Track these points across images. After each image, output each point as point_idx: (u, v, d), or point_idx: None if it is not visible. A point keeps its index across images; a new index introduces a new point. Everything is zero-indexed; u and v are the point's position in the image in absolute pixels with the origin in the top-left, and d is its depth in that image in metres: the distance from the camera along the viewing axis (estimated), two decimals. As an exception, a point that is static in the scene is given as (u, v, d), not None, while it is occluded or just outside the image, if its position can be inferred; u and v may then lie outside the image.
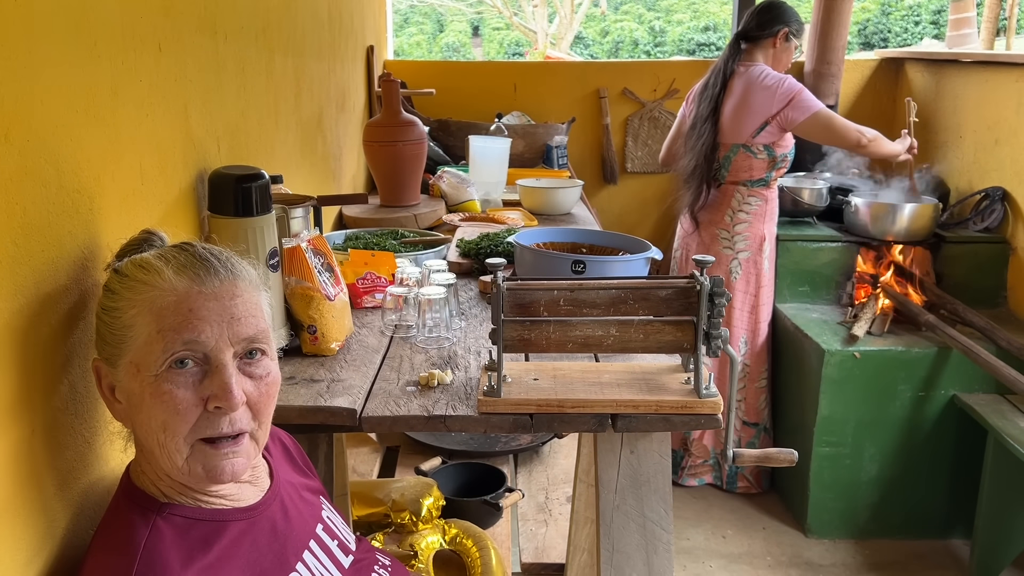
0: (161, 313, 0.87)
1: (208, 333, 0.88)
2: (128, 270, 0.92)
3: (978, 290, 3.07)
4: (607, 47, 17.29)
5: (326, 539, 1.05)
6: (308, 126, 2.31)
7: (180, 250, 0.94)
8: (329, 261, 1.47)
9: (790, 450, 1.26)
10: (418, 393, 1.27)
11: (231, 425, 0.89)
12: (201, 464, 0.88)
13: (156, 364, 0.86)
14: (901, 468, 2.85)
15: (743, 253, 2.99)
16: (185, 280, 0.89)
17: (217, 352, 0.88)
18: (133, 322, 0.88)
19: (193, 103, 1.37)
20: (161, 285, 0.89)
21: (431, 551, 1.92)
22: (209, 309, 0.89)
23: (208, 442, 0.89)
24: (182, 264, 0.91)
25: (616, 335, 1.22)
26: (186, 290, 0.89)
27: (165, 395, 0.86)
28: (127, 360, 0.88)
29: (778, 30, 2.90)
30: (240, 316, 0.90)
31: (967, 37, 5.93)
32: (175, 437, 0.87)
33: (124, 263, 0.93)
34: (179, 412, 0.86)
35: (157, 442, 0.88)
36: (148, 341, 0.87)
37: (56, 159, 0.93)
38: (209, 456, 0.89)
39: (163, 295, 0.88)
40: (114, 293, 0.91)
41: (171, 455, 0.88)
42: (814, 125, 2.80)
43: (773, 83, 2.82)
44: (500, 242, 1.99)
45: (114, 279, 0.92)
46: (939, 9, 14.74)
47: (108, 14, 1.07)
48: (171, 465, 0.89)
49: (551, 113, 4.01)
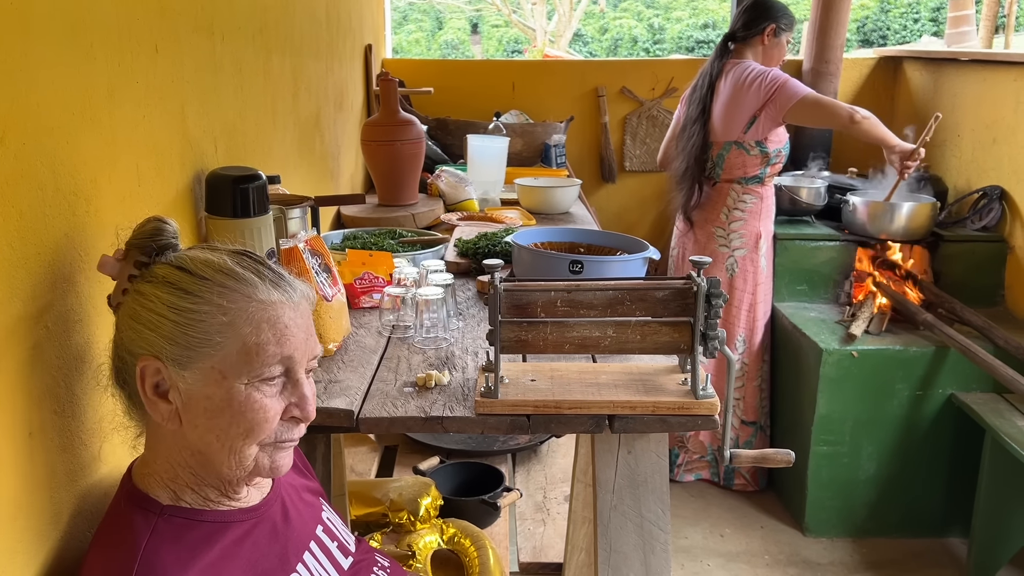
0: (261, 326, 0.89)
1: (299, 349, 0.92)
2: (207, 272, 0.90)
3: (976, 289, 3.07)
4: (606, 44, 17.27)
5: (326, 540, 1.06)
6: (306, 126, 2.31)
7: (255, 260, 0.94)
8: (326, 261, 1.47)
9: (787, 451, 1.27)
10: (415, 394, 1.28)
11: (299, 432, 0.95)
12: (269, 457, 0.92)
13: (249, 374, 0.88)
14: (899, 467, 2.85)
15: (739, 251, 2.99)
16: (278, 294, 0.91)
17: (299, 366, 0.92)
18: (225, 329, 0.88)
19: (190, 104, 1.37)
20: (259, 296, 0.90)
21: (429, 551, 1.92)
22: (298, 326, 0.92)
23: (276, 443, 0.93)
24: (271, 278, 0.92)
25: (613, 336, 1.22)
26: (281, 304, 0.91)
27: (256, 404, 0.88)
28: (208, 365, 0.87)
29: (764, 27, 2.89)
30: (313, 333, 0.95)
31: (966, 35, 5.93)
32: (254, 443, 0.90)
33: (188, 261, 0.91)
34: (267, 420, 0.89)
35: (230, 448, 0.89)
36: (244, 351, 0.88)
37: (52, 161, 0.93)
38: (276, 451, 0.93)
39: (263, 307, 0.89)
40: (192, 295, 0.88)
41: (243, 459, 0.90)
42: (803, 108, 2.77)
43: (758, 76, 2.82)
44: (498, 242, 1.99)
45: (187, 279, 0.89)
46: (938, 7, 14.73)
47: (104, 15, 1.07)
48: (237, 467, 0.90)
49: (549, 112, 4.01)
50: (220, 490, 0.93)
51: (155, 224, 0.95)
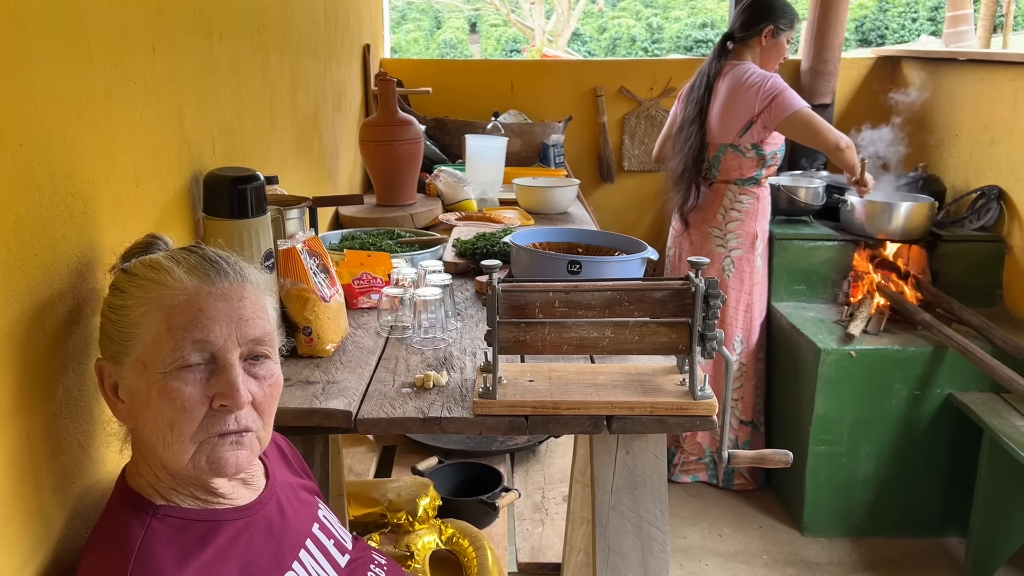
0: (171, 312, 0.88)
1: (217, 333, 0.89)
2: (137, 269, 0.93)
3: (974, 289, 3.07)
4: (604, 44, 17.27)
5: (322, 538, 1.06)
6: (304, 126, 2.31)
7: (189, 251, 0.95)
8: (324, 262, 1.47)
9: (785, 451, 1.27)
10: (413, 395, 1.28)
11: (236, 423, 0.90)
12: (206, 456, 0.89)
13: (164, 362, 0.87)
14: (897, 466, 2.85)
15: (736, 251, 2.99)
16: (195, 280, 0.91)
17: (225, 352, 0.89)
18: (142, 320, 0.89)
19: (188, 104, 1.37)
20: (171, 284, 0.90)
21: (427, 551, 1.92)
22: (218, 309, 0.90)
23: (214, 436, 0.90)
24: (192, 265, 0.92)
25: (611, 337, 1.22)
26: (196, 290, 0.90)
27: (172, 392, 0.87)
28: (134, 358, 0.89)
29: (763, 27, 2.88)
30: (248, 317, 0.92)
31: (964, 34, 5.94)
32: (181, 435, 0.88)
33: (133, 263, 0.94)
34: (186, 409, 0.87)
35: (162, 440, 0.88)
36: (157, 339, 0.88)
37: (49, 163, 0.93)
38: (215, 447, 0.89)
39: (173, 294, 0.89)
40: (122, 291, 0.91)
41: (176, 453, 0.88)
42: (793, 124, 2.78)
43: (757, 82, 2.81)
44: (496, 242, 1.99)
45: (122, 278, 0.93)
46: (936, 6, 14.73)
47: (101, 16, 1.06)
48: (176, 463, 0.89)
49: (548, 112, 4.01)
50: (197, 485, 0.92)
51: (147, 239, 0.99)
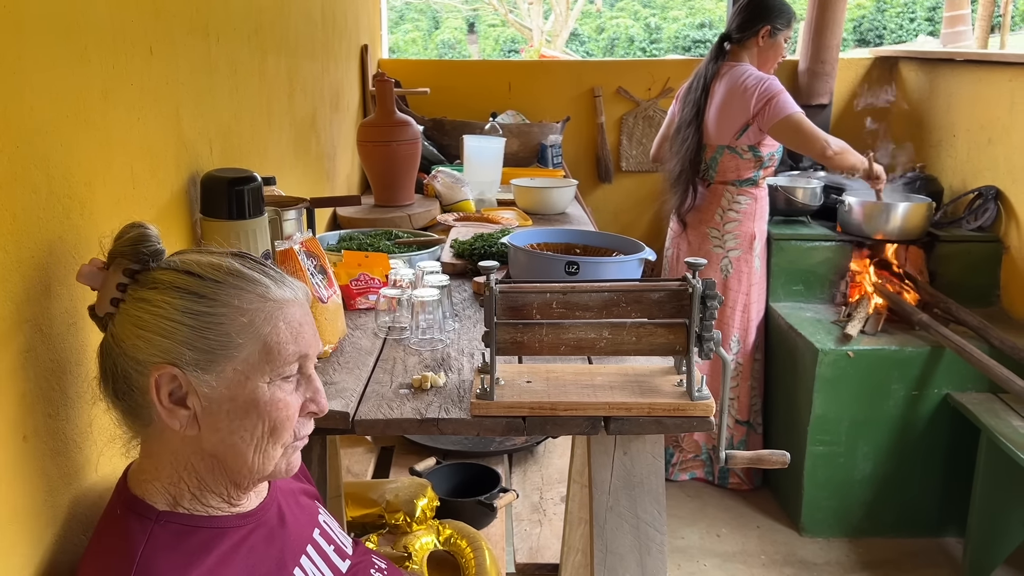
0: (278, 324, 0.90)
1: (312, 347, 0.94)
2: (217, 275, 0.89)
3: (971, 289, 3.08)
4: (603, 44, 17.28)
5: (323, 543, 1.06)
6: (301, 127, 2.31)
7: (256, 262, 0.94)
8: (322, 263, 1.47)
9: (782, 452, 1.27)
10: (411, 396, 1.28)
11: (311, 428, 0.97)
12: (286, 460, 0.94)
13: (272, 373, 0.89)
14: (895, 467, 2.86)
15: (734, 252, 2.99)
16: (288, 292, 0.93)
17: (310, 362, 0.94)
18: (244, 331, 0.88)
19: (185, 105, 1.37)
20: (272, 296, 0.91)
21: (425, 552, 1.92)
22: (308, 323, 0.94)
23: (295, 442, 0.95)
24: (272, 276, 0.93)
25: (609, 337, 1.22)
26: (292, 302, 0.93)
27: (280, 403, 0.90)
28: (231, 368, 0.88)
29: (760, 28, 2.88)
30: (316, 330, 0.96)
31: (962, 34, 5.95)
32: (279, 442, 0.92)
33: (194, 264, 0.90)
34: (290, 418, 0.91)
35: (255, 448, 0.90)
36: (266, 350, 0.89)
37: (46, 164, 0.93)
38: (290, 452, 0.95)
39: (277, 307, 0.91)
40: (206, 298, 0.88)
41: (268, 460, 0.92)
42: (784, 129, 2.78)
43: (753, 84, 2.81)
44: (494, 243, 1.99)
45: (197, 284, 0.88)
46: (934, 6, 14.75)
47: (98, 17, 1.06)
48: (262, 468, 0.92)
49: (546, 112, 4.01)
50: (223, 496, 0.93)
51: (139, 231, 0.92)
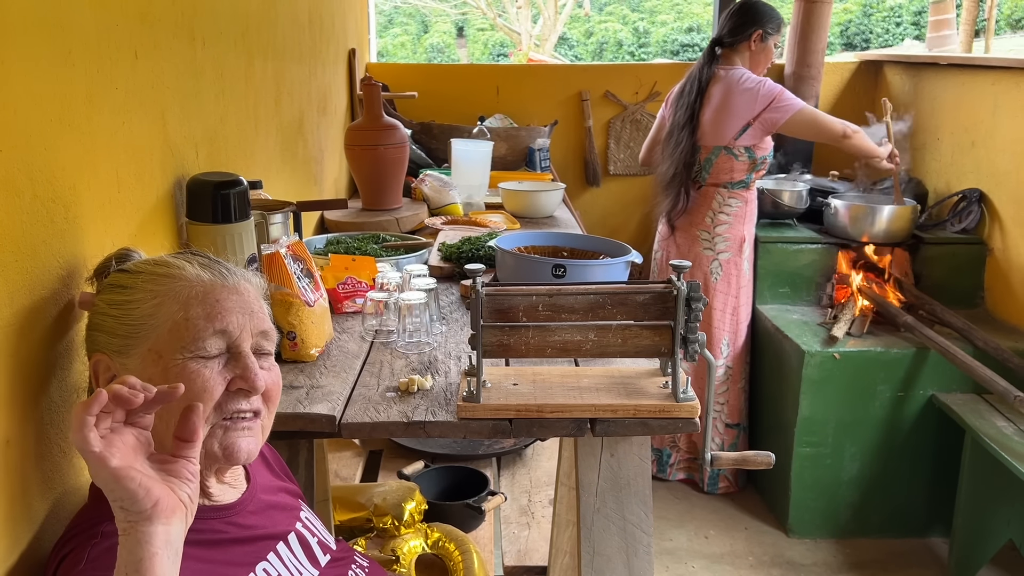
0: (189, 302, 0.92)
1: (234, 323, 0.93)
2: (141, 267, 0.96)
3: (956, 291, 3.10)
4: (591, 48, 17.32)
5: (306, 535, 1.06)
6: (289, 130, 2.31)
7: (192, 253, 0.99)
8: (308, 267, 1.47)
9: (767, 452, 1.27)
10: (398, 399, 1.28)
11: (249, 404, 0.94)
12: (218, 442, 0.92)
13: (185, 350, 0.90)
14: (881, 468, 2.87)
15: (723, 254, 3.01)
16: (209, 274, 0.95)
17: (240, 341, 0.93)
18: (155, 311, 0.91)
19: (171, 109, 1.37)
20: (187, 277, 0.94)
21: (413, 555, 1.92)
22: (233, 302, 0.95)
23: (225, 421, 0.92)
24: (202, 262, 0.97)
25: (595, 340, 1.23)
26: (211, 282, 0.95)
27: (192, 373, 0.89)
28: (145, 348, 0.91)
29: (752, 32, 2.91)
30: (256, 311, 0.97)
31: (947, 38, 6.01)
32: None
33: (129, 264, 0.98)
34: (207, 390, 0.90)
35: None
36: (174, 328, 0.90)
37: (29, 168, 0.93)
38: (228, 432, 0.92)
39: (190, 286, 0.93)
40: (126, 288, 0.94)
41: None
42: (799, 122, 2.84)
43: (754, 86, 2.85)
44: (482, 246, 1.99)
45: (123, 277, 0.96)
46: (920, 10, 14.86)
47: (82, 21, 1.06)
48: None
49: (533, 116, 4.02)
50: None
51: (122, 252, 1.02)
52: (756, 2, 2.94)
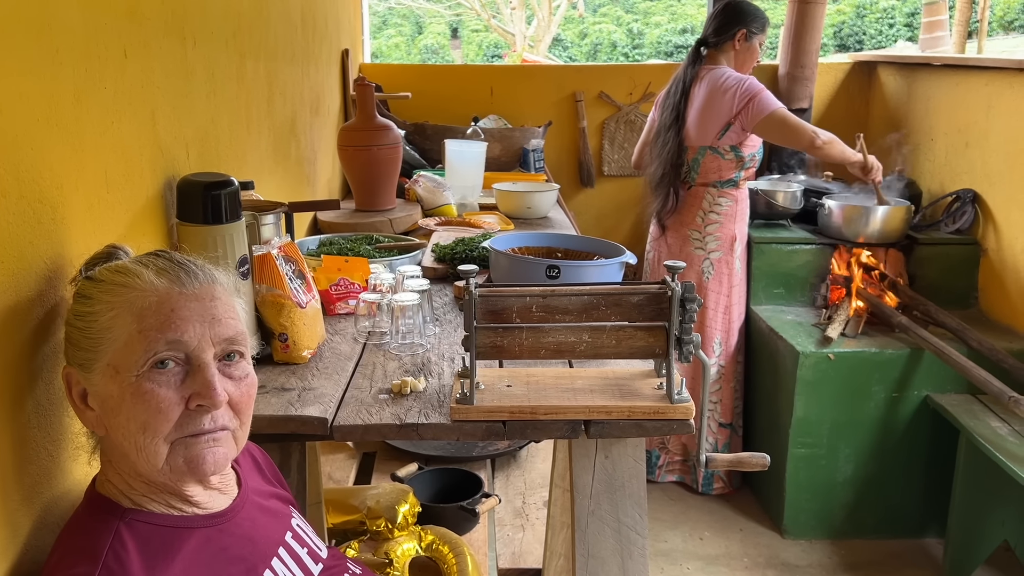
0: (142, 313, 0.87)
1: (191, 333, 0.88)
2: (103, 275, 0.92)
3: (950, 291, 3.11)
4: (585, 49, 17.33)
5: (295, 547, 1.05)
6: (281, 131, 2.29)
7: (156, 256, 0.94)
8: (300, 268, 1.45)
9: (762, 454, 1.27)
10: (391, 401, 1.27)
11: (213, 422, 0.89)
12: (182, 457, 0.88)
13: (137, 364, 0.86)
14: (876, 468, 2.87)
15: (715, 253, 3.00)
16: (165, 281, 0.90)
17: (199, 352, 0.88)
18: (111, 324, 0.87)
19: (161, 109, 1.35)
20: (141, 286, 0.89)
21: (407, 558, 1.91)
22: (190, 309, 0.89)
23: (187, 438, 0.88)
24: (160, 267, 0.91)
25: (589, 341, 1.22)
26: (167, 291, 0.89)
27: (147, 394, 0.86)
28: (104, 363, 0.87)
29: (735, 32, 2.91)
30: (220, 317, 0.91)
31: (940, 40, 6.02)
32: (155, 437, 0.86)
33: (97, 270, 0.93)
34: (161, 411, 0.86)
35: (135, 445, 0.87)
36: (129, 342, 0.86)
37: (16, 168, 0.92)
38: (190, 446, 0.88)
39: (144, 296, 0.88)
40: (88, 298, 0.90)
41: (150, 456, 0.87)
42: (769, 125, 2.81)
43: (733, 84, 2.84)
44: (476, 247, 1.98)
45: (88, 285, 0.92)
46: (913, 12, 14.90)
47: (70, 20, 1.05)
48: (151, 467, 0.88)
49: (527, 117, 4.01)
50: (172, 491, 0.91)
51: (107, 249, 0.98)
52: (740, 2, 2.93)
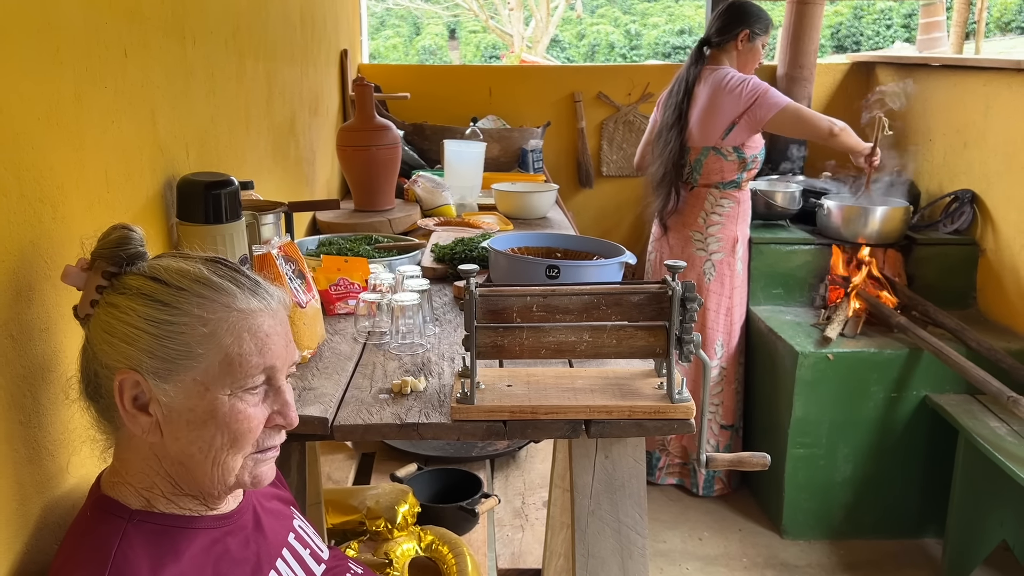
0: (242, 335, 0.88)
1: (281, 358, 0.91)
2: (183, 283, 0.88)
3: (948, 292, 3.11)
4: (583, 50, 17.34)
5: (298, 548, 1.05)
6: (280, 131, 2.29)
7: (230, 268, 0.92)
8: (300, 268, 1.45)
9: (763, 454, 1.27)
10: (391, 401, 1.27)
11: (281, 438, 0.95)
12: (249, 472, 0.91)
13: (233, 385, 0.87)
14: (874, 468, 2.87)
15: (716, 255, 3.01)
16: (257, 302, 0.90)
17: (279, 372, 0.92)
18: (205, 341, 0.86)
19: (161, 109, 1.35)
20: (238, 306, 0.88)
21: (406, 558, 1.91)
22: (278, 333, 0.91)
23: (257, 454, 0.92)
24: (248, 286, 0.91)
25: (589, 340, 1.22)
26: (260, 312, 0.90)
27: (240, 415, 0.88)
28: (190, 378, 0.86)
29: (738, 32, 2.92)
30: (291, 339, 0.94)
31: (937, 40, 6.03)
32: (239, 454, 0.89)
33: (163, 271, 0.89)
34: (251, 430, 0.89)
35: (213, 459, 0.88)
36: (227, 362, 0.86)
37: (17, 168, 0.92)
38: (259, 462, 0.92)
39: (243, 317, 0.88)
40: (169, 307, 0.86)
41: (226, 471, 0.89)
42: (784, 119, 2.82)
43: (738, 84, 2.85)
44: (475, 247, 1.98)
45: (162, 291, 0.87)
46: (910, 13, 14.92)
47: (71, 20, 1.05)
48: (221, 480, 0.89)
49: (526, 117, 4.02)
50: (200, 500, 0.92)
51: (121, 232, 0.92)
52: (744, 2, 2.94)
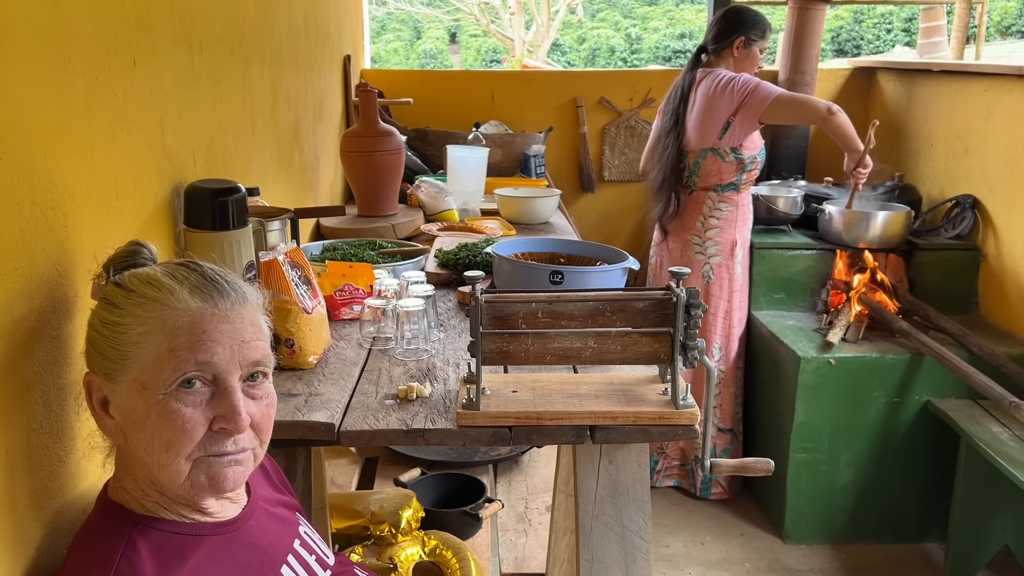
0: (174, 332, 0.87)
1: (220, 355, 0.88)
2: (134, 285, 0.90)
3: (950, 297, 3.11)
4: (584, 54, 17.37)
5: (304, 554, 1.05)
6: (285, 137, 2.30)
7: (188, 269, 0.93)
8: (306, 274, 1.46)
9: (766, 459, 1.28)
10: (397, 406, 1.27)
11: (235, 444, 0.90)
12: (204, 473, 0.88)
13: (165, 383, 0.86)
14: (876, 473, 2.88)
15: (715, 258, 3.01)
16: (199, 301, 0.89)
17: (227, 374, 0.89)
18: (141, 339, 0.87)
19: (168, 116, 1.36)
20: (175, 304, 0.88)
21: (411, 563, 1.91)
22: (221, 331, 0.89)
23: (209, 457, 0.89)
24: (194, 284, 0.90)
25: (594, 347, 1.23)
26: (200, 311, 0.88)
27: (173, 414, 0.86)
28: (130, 377, 0.87)
29: (734, 39, 2.93)
30: (249, 339, 0.91)
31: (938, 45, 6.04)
32: (178, 456, 0.87)
33: (126, 276, 0.91)
34: (186, 431, 0.86)
35: (157, 461, 0.87)
36: (158, 360, 0.86)
37: (29, 176, 0.93)
38: (212, 465, 0.89)
39: (177, 314, 0.87)
40: (118, 308, 0.89)
41: (172, 474, 0.88)
42: (779, 108, 2.83)
43: (729, 82, 2.87)
44: (479, 252, 1.99)
45: (116, 292, 0.90)
46: (910, 17, 14.95)
47: (82, 29, 1.06)
48: (172, 482, 0.88)
49: (528, 122, 4.02)
50: (190, 506, 0.92)
51: (131, 247, 0.96)
52: (741, 8, 2.95)
